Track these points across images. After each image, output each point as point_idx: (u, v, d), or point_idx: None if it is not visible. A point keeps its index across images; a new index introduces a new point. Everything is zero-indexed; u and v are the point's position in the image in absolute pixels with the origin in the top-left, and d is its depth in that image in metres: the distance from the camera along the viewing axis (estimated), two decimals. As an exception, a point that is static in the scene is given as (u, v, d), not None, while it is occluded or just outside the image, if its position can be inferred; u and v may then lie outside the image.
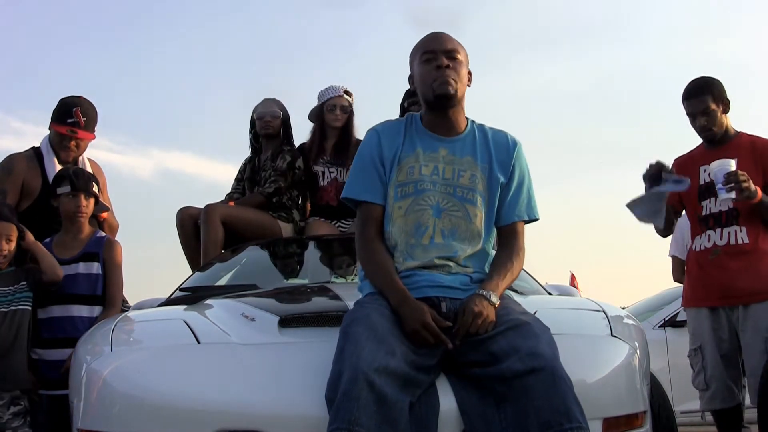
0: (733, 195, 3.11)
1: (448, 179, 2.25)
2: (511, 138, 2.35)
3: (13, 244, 3.15)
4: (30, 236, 3.18)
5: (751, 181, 3.10)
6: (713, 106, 3.29)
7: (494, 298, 2.08)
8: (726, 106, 3.33)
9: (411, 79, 2.40)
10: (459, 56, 2.29)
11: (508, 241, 2.30)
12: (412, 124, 2.34)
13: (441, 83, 2.23)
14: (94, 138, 3.74)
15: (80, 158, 3.79)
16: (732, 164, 3.14)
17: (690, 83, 3.36)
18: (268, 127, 4.31)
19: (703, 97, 3.29)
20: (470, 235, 2.23)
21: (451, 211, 2.23)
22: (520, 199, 2.31)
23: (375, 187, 2.28)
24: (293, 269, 3.79)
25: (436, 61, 2.25)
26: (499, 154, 2.31)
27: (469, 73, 2.36)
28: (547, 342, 1.96)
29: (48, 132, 3.74)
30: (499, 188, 2.28)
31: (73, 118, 3.61)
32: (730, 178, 3.10)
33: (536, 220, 2.35)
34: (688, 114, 3.34)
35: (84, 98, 3.69)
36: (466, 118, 2.36)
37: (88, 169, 3.68)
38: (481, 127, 2.36)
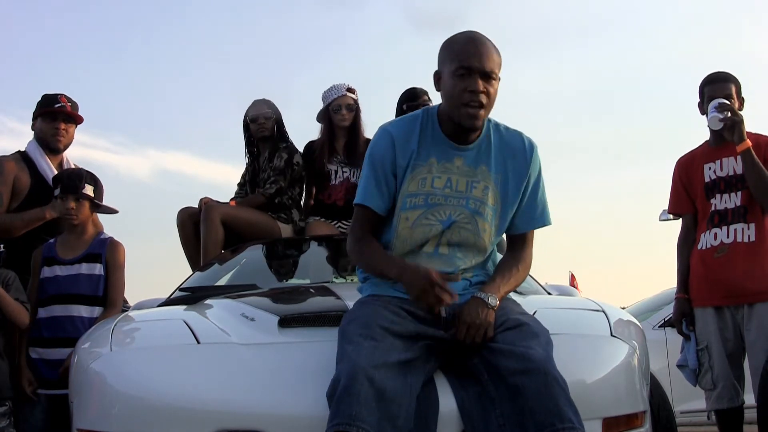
0: (721, 115, 3.16)
1: (462, 191, 2.17)
2: (528, 141, 2.25)
3: None
4: None
5: (744, 124, 3.16)
6: (734, 97, 3.32)
7: (492, 300, 2.07)
8: (741, 104, 3.36)
9: (437, 77, 2.21)
10: (495, 78, 2.11)
11: (518, 248, 2.29)
12: (428, 125, 2.21)
13: (469, 116, 2.09)
14: (82, 120, 3.81)
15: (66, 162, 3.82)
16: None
17: (713, 72, 3.39)
18: (262, 129, 4.31)
19: (728, 84, 3.34)
20: (476, 250, 2.21)
21: (462, 224, 2.18)
22: (534, 208, 2.26)
23: (382, 196, 2.20)
24: (293, 269, 3.79)
25: (470, 82, 2.08)
26: (515, 161, 2.22)
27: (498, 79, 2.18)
28: (542, 343, 1.96)
29: (32, 137, 3.78)
30: (515, 198, 2.22)
31: (59, 103, 3.72)
32: (724, 104, 3.17)
33: (548, 225, 2.31)
34: (709, 98, 3.32)
35: None
36: None
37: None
38: (497, 127, 2.25)
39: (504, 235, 2.34)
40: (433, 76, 2.23)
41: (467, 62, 2.08)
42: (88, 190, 3.32)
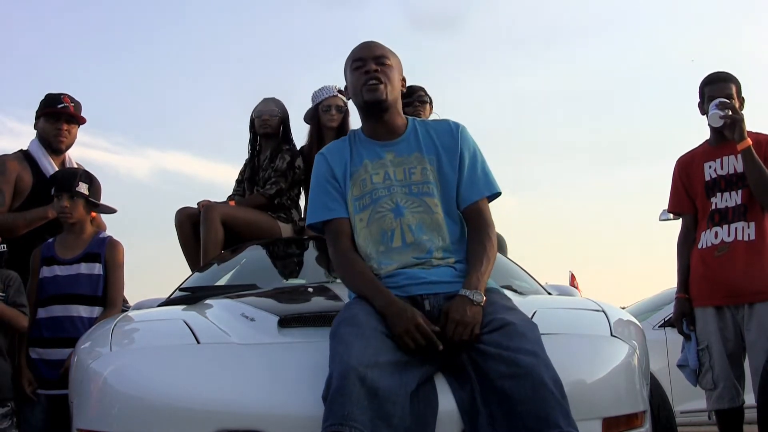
0: (722, 112, 3.17)
1: (401, 180, 2.28)
2: (453, 123, 2.39)
3: None
4: None
5: (745, 124, 3.17)
6: (734, 96, 3.32)
7: (478, 297, 2.07)
8: (741, 103, 3.36)
9: (346, 89, 2.42)
10: (389, 62, 2.34)
11: (475, 222, 2.30)
12: (355, 138, 2.39)
13: (369, 89, 2.28)
14: (85, 121, 3.81)
15: (69, 161, 3.81)
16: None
17: (713, 72, 3.40)
18: (266, 125, 4.30)
19: (728, 84, 3.34)
20: (437, 225, 2.25)
21: (412, 207, 2.26)
22: (476, 178, 2.33)
23: (336, 203, 2.31)
24: (293, 269, 3.78)
25: (365, 68, 2.31)
26: (443, 141, 2.34)
27: (403, 79, 2.41)
28: (531, 341, 1.95)
29: (34, 135, 3.77)
30: (453, 175, 2.30)
31: (62, 103, 3.72)
32: (725, 102, 3.19)
33: (498, 194, 2.36)
34: (709, 98, 3.32)
35: None
36: (406, 118, 2.40)
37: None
38: (423, 122, 2.41)
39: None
40: (345, 90, 2.46)
41: (358, 54, 2.36)
42: (83, 188, 3.31)
